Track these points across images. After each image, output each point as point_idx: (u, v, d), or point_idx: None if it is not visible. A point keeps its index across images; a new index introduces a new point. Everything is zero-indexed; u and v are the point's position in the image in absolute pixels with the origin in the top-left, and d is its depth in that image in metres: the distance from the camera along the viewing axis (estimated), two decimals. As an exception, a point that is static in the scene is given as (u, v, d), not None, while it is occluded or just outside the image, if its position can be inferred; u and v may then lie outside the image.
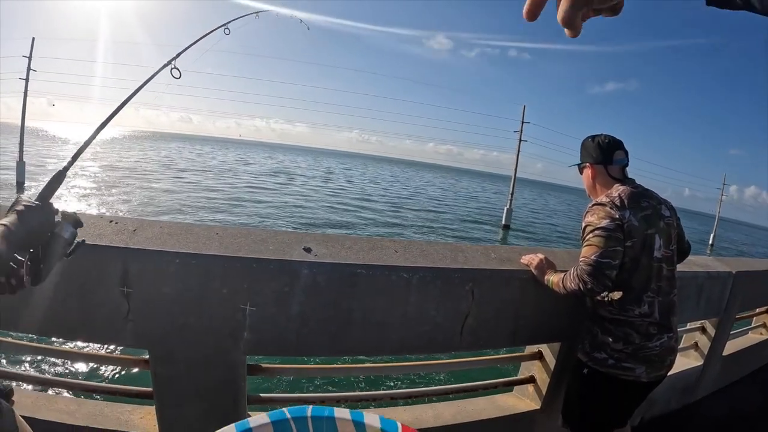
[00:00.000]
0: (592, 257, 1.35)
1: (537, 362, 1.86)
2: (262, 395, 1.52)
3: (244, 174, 38.61)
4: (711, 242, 35.12)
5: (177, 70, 1.23)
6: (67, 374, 4.28)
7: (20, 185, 19.66)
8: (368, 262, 1.36)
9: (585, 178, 1.62)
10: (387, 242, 1.56)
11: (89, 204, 17.25)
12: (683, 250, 1.63)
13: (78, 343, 2.06)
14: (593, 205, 1.46)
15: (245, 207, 20.64)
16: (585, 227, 1.43)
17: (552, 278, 1.49)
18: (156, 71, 1.19)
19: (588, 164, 1.58)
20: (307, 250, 1.35)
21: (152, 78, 1.17)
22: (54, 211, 0.86)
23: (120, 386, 1.46)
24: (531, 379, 1.88)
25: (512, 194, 25.85)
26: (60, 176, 0.91)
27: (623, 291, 1.44)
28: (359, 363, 1.85)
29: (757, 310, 3.24)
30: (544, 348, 1.84)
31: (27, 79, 22.58)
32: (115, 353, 2.11)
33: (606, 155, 1.54)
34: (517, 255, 1.67)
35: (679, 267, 1.60)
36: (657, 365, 1.46)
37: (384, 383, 4.13)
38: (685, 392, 2.61)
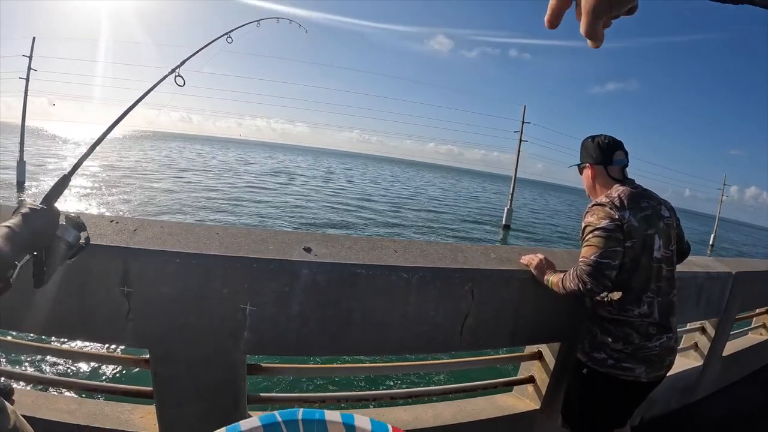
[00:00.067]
0: (592, 257, 1.35)
1: (537, 362, 1.87)
2: (262, 395, 1.52)
3: (245, 174, 38.63)
4: (711, 243, 35.11)
5: (181, 78, 1.24)
6: (68, 374, 4.29)
7: (20, 185, 19.68)
8: (368, 262, 1.37)
9: (585, 179, 1.62)
10: (387, 242, 1.56)
11: (90, 204, 17.26)
12: (683, 251, 1.63)
13: (78, 343, 2.06)
14: (593, 206, 1.46)
15: (246, 207, 20.65)
16: (585, 227, 1.43)
17: (551, 278, 1.49)
18: (159, 80, 1.20)
19: (588, 165, 1.59)
20: (307, 250, 1.35)
21: (156, 86, 1.18)
22: (58, 214, 0.87)
23: (120, 386, 1.46)
24: (531, 379, 1.88)
25: (512, 194, 25.86)
26: (65, 180, 0.93)
27: (623, 291, 1.44)
28: (359, 363, 1.86)
29: (757, 311, 3.24)
30: (544, 348, 1.84)
31: (27, 79, 22.62)
32: (116, 353, 2.11)
33: (606, 156, 1.54)
34: (517, 255, 1.67)
35: (679, 267, 1.60)
36: (656, 365, 1.46)
37: (384, 383, 4.14)
38: (685, 392, 2.61)
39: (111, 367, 4.40)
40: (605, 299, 1.47)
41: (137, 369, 1.46)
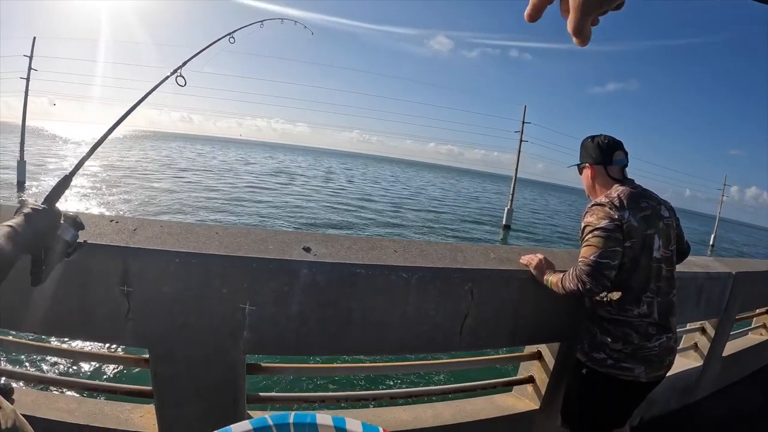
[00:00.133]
0: (591, 257, 1.35)
1: (536, 362, 1.87)
2: (262, 394, 1.52)
3: (245, 174, 38.64)
4: (712, 243, 35.10)
5: (182, 78, 1.24)
6: (68, 373, 4.30)
7: (21, 184, 19.69)
8: (368, 262, 1.37)
9: (584, 179, 1.62)
10: (386, 242, 1.56)
11: (90, 203, 17.27)
12: (682, 251, 1.63)
13: (78, 343, 2.06)
14: (592, 206, 1.46)
15: (246, 207, 20.66)
16: (584, 227, 1.43)
17: (551, 278, 1.49)
18: (161, 80, 1.20)
19: (587, 164, 1.58)
20: (307, 250, 1.35)
21: (158, 87, 1.18)
22: (59, 215, 0.88)
23: (120, 385, 1.46)
24: (530, 379, 1.88)
25: (513, 194, 25.85)
26: (66, 181, 0.94)
27: (622, 291, 1.44)
28: (359, 362, 1.86)
29: (757, 311, 3.24)
30: (544, 348, 1.84)
31: (28, 79, 22.64)
32: (116, 352, 2.12)
33: (605, 156, 1.54)
34: (517, 255, 1.67)
35: (679, 267, 1.60)
36: (656, 365, 1.46)
37: (384, 382, 4.14)
38: (685, 392, 2.61)
39: (111, 367, 4.41)
40: (605, 299, 1.47)
41: (137, 369, 1.46)
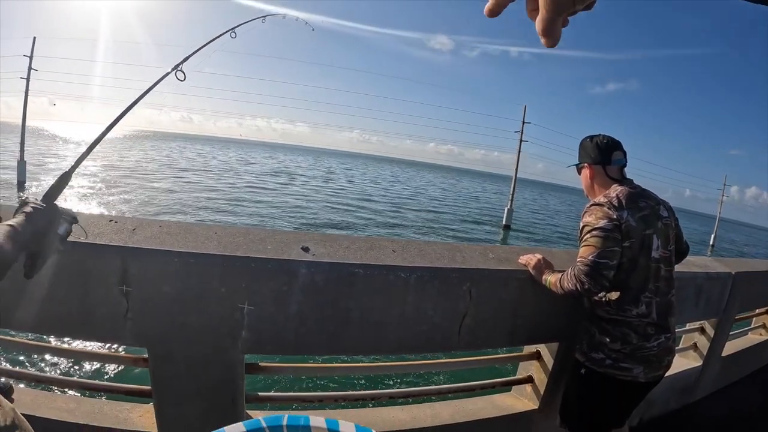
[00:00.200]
0: (590, 257, 1.35)
1: (535, 362, 1.87)
2: (261, 394, 1.52)
3: (245, 174, 38.65)
4: (712, 243, 35.08)
5: (182, 73, 1.24)
6: (67, 372, 4.30)
7: (21, 185, 19.69)
8: (366, 262, 1.37)
9: (583, 179, 1.62)
10: (385, 242, 1.56)
11: (90, 204, 17.28)
12: (681, 251, 1.63)
13: (77, 342, 2.06)
14: (591, 206, 1.46)
15: (246, 207, 20.66)
16: (583, 227, 1.44)
17: (549, 278, 1.50)
18: (163, 76, 1.20)
19: (586, 164, 1.59)
20: (305, 250, 1.35)
21: (159, 82, 1.18)
22: (59, 212, 0.89)
23: (119, 384, 1.46)
24: (529, 379, 1.88)
25: (513, 194, 25.85)
26: (65, 178, 0.94)
27: (621, 291, 1.44)
28: (358, 362, 1.86)
29: (757, 311, 3.24)
30: (543, 348, 1.84)
31: (28, 79, 22.65)
32: (115, 352, 2.12)
33: (604, 155, 1.54)
34: (515, 255, 1.68)
35: (679, 267, 1.60)
36: (655, 365, 1.46)
37: (383, 382, 4.14)
38: (684, 393, 2.61)
39: (110, 367, 4.41)
40: (603, 299, 1.47)
41: (136, 368, 1.47)
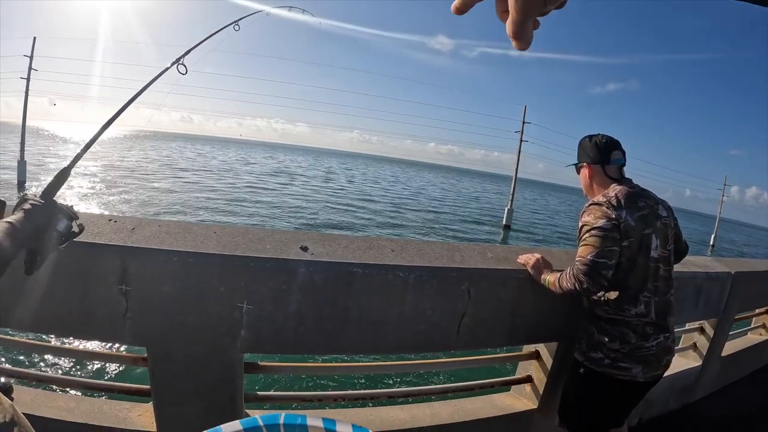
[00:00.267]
0: (588, 257, 1.35)
1: (534, 362, 1.87)
2: (260, 393, 1.52)
3: (245, 174, 38.64)
4: (712, 243, 35.07)
5: (183, 66, 1.23)
6: (67, 372, 4.30)
7: (21, 184, 19.70)
8: (365, 261, 1.37)
9: (582, 178, 1.62)
10: (383, 241, 1.56)
11: (90, 204, 17.28)
12: (681, 250, 1.63)
13: (77, 342, 2.07)
14: (590, 205, 1.46)
15: (246, 207, 20.66)
16: (581, 227, 1.44)
17: (548, 278, 1.50)
18: (164, 69, 1.19)
19: (585, 164, 1.59)
20: (304, 249, 1.35)
21: (160, 75, 1.17)
22: (57, 209, 0.89)
23: (119, 384, 1.47)
24: (528, 379, 1.88)
25: (513, 194, 25.85)
26: (64, 174, 0.94)
27: (619, 291, 1.44)
28: (357, 362, 1.86)
29: (757, 311, 3.24)
30: (542, 347, 1.84)
31: (28, 79, 22.66)
32: (115, 351, 2.12)
33: (603, 155, 1.54)
34: (514, 254, 1.68)
35: (678, 267, 1.60)
36: (654, 365, 1.46)
37: (382, 382, 4.14)
38: (684, 393, 2.61)
39: (110, 366, 4.41)
40: (602, 299, 1.47)
41: (136, 367, 1.47)
